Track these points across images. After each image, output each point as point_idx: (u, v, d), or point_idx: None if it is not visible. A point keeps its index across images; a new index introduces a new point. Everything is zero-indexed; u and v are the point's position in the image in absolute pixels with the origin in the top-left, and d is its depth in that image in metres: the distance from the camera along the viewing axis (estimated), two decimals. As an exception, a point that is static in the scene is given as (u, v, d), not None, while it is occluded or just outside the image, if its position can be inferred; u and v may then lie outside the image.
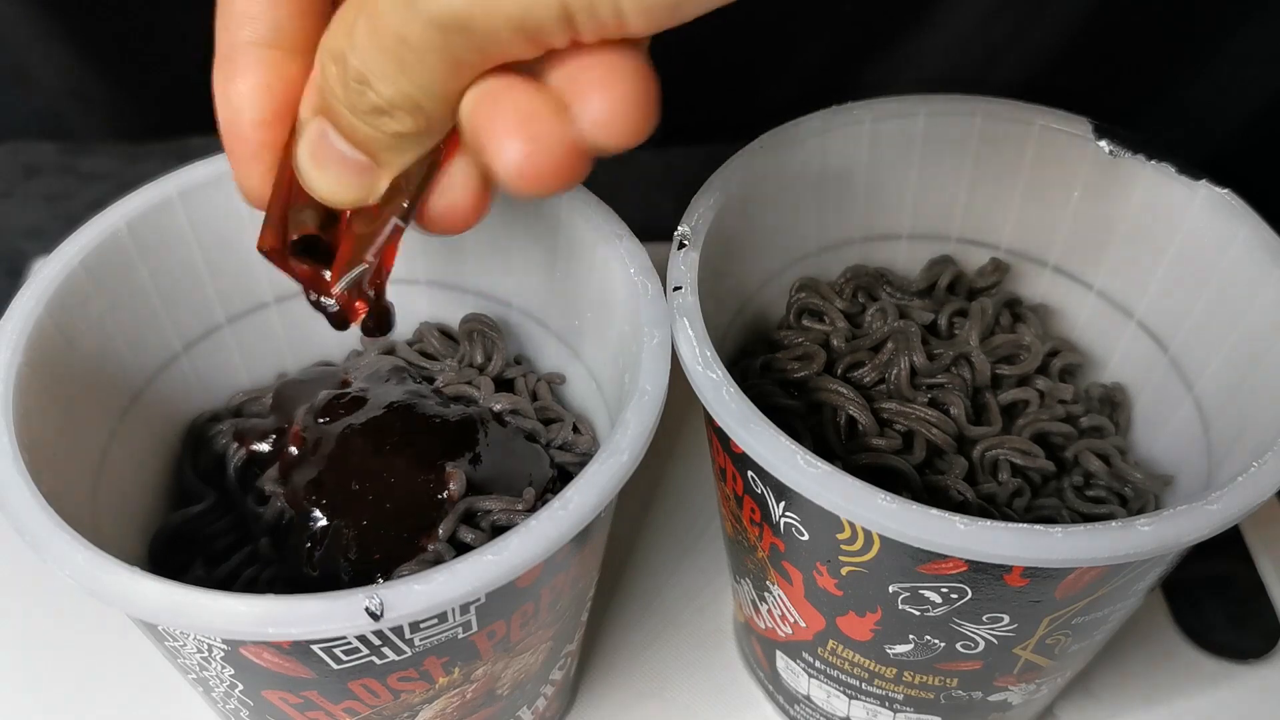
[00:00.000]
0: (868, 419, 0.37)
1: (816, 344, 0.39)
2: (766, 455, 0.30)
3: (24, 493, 0.29)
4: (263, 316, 0.40)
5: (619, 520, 0.41)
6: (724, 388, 0.31)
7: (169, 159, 0.37)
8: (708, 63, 0.64)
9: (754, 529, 0.34)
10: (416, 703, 0.31)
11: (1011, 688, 0.35)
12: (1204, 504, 0.29)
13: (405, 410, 0.36)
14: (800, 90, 0.65)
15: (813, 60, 0.64)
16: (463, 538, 0.33)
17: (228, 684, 0.30)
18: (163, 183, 0.36)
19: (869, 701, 0.37)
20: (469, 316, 0.40)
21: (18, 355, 0.31)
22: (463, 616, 0.29)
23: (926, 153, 0.40)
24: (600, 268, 0.35)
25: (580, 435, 0.38)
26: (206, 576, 0.34)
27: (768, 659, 0.40)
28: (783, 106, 0.40)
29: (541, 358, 0.41)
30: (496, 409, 0.37)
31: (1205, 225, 0.36)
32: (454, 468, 0.34)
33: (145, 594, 0.27)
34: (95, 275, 0.34)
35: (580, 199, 0.36)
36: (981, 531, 0.28)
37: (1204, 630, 0.44)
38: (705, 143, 0.57)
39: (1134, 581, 0.31)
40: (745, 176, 0.37)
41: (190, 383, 0.38)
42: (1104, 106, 0.37)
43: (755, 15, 0.62)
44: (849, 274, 0.41)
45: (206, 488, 0.37)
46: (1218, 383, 0.36)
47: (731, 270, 0.38)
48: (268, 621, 0.26)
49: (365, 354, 0.40)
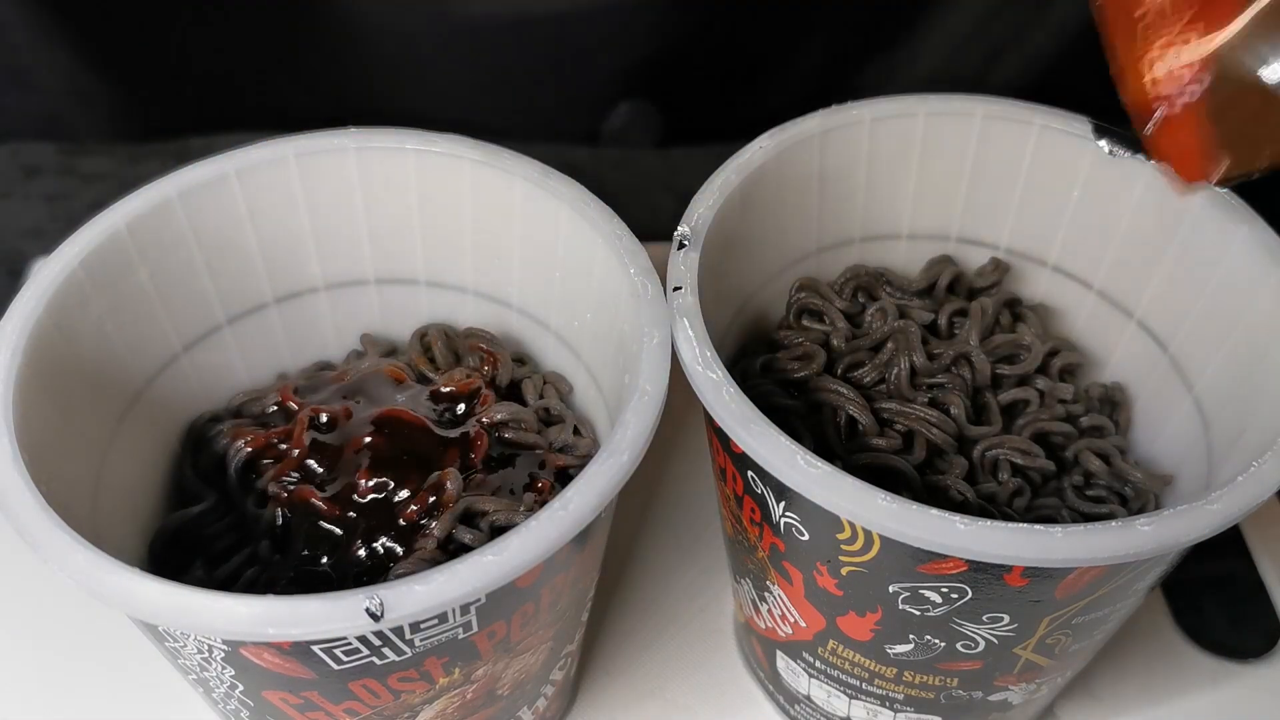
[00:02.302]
0: (868, 419, 0.37)
1: (816, 344, 0.39)
2: (766, 455, 0.30)
3: (24, 493, 0.29)
4: (263, 316, 0.40)
5: (619, 520, 0.41)
6: (724, 388, 0.31)
7: (169, 159, 0.37)
8: (708, 63, 0.64)
9: (754, 529, 0.34)
10: (417, 703, 0.31)
11: (1012, 687, 0.35)
12: (1204, 504, 0.29)
13: (404, 414, 0.36)
14: (800, 90, 0.65)
15: (813, 60, 0.64)
16: (461, 538, 0.33)
17: (228, 684, 0.30)
18: (163, 183, 0.36)
19: (869, 701, 0.37)
20: (469, 331, 0.40)
21: (18, 355, 0.31)
22: (463, 617, 0.29)
23: (926, 153, 0.40)
24: (600, 268, 0.35)
25: (581, 438, 0.38)
26: (207, 577, 0.34)
27: (768, 659, 0.40)
28: (783, 106, 0.40)
29: (542, 358, 0.41)
30: (497, 418, 0.37)
31: (1205, 225, 0.36)
32: (450, 469, 0.34)
33: (145, 594, 0.27)
34: (95, 276, 0.34)
35: (580, 199, 0.36)
36: (982, 531, 0.28)
37: (1204, 630, 0.44)
38: (705, 143, 0.57)
39: (1134, 581, 0.31)
40: (745, 176, 0.37)
41: (190, 383, 0.38)
42: (1104, 106, 0.37)
43: (756, 16, 0.62)
44: (849, 274, 0.41)
45: (206, 488, 0.37)
46: (1218, 383, 0.36)
47: (731, 270, 0.38)
48: (268, 622, 0.26)
49: (366, 356, 0.40)
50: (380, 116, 0.38)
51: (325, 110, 0.43)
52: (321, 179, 0.38)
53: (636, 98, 0.64)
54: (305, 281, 0.40)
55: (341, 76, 0.62)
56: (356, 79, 0.62)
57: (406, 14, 0.59)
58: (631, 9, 0.59)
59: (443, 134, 0.38)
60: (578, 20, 0.59)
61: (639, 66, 0.62)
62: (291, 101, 0.60)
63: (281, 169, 0.37)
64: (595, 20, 0.59)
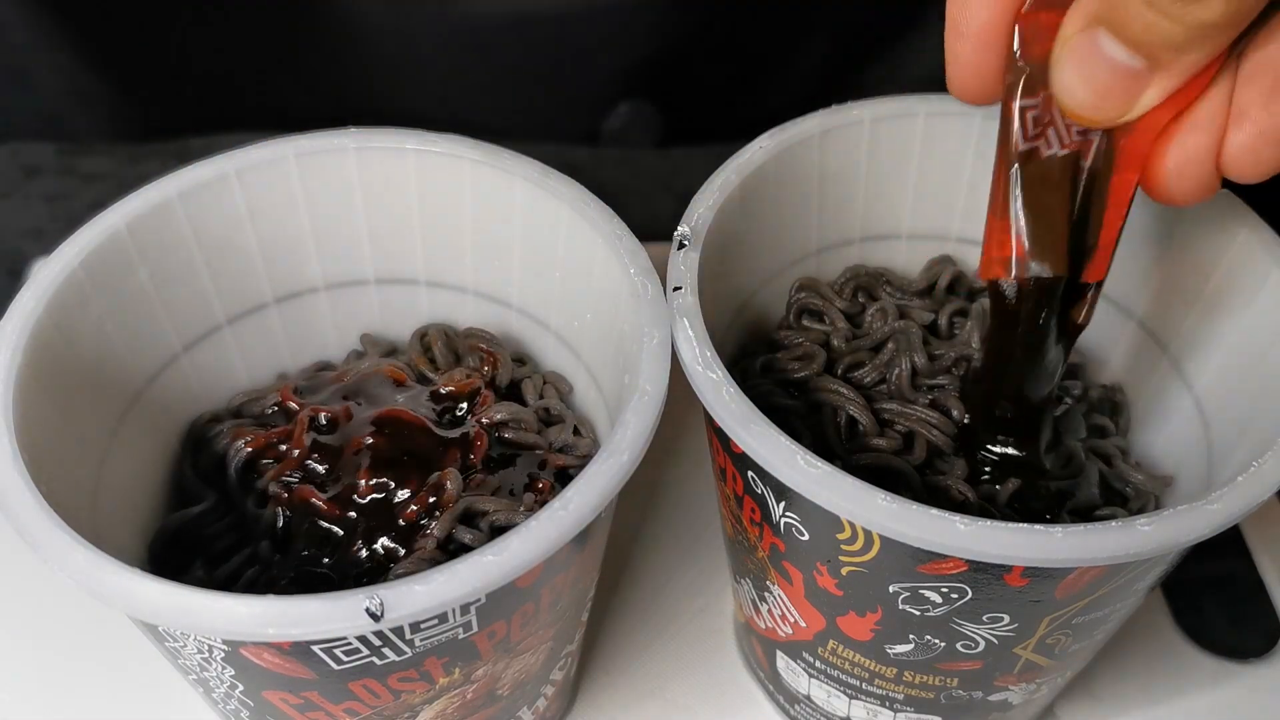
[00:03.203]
0: (868, 419, 0.37)
1: (816, 344, 0.39)
2: (767, 455, 0.30)
3: (24, 493, 0.29)
4: (263, 317, 0.40)
5: (619, 520, 0.41)
6: (724, 388, 0.31)
7: (169, 159, 0.37)
8: (708, 63, 0.64)
9: (754, 529, 0.34)
10: (417, 703, 0.31)
11: (1012, 687, 0.35)
12: (1204, 504, 0.29)
13: (404, 414, 0.36)
14: (800, 90, 0.65)
15: (813, 60, 0.64)
16: (461, 538, 0.33)
17: (228, 684, 0.30)
18: (163, 183, 0.36)
19: (869, 701, 0.37)
20: (469, 331, 0.40)
21: (18, 356, 0.31)
22: (463, 617, 0.29)
23: (926, 153, 0.40)
24: (600, 268, 0.35)
25: (581, 438, 0.38)
26: (207, 577, 0.34)
27: (768, 659, 0.40)
28: (783, 106, 0.40)
29: (542, 358, 0.41)
30: (497, 419, 0.37)
31: (1205, 225, 0.36)
32: (450, 469, 0.34)
33: (145, 594, 0.27)
34: (95, 276, 0.34)
35: (580, 199, 0.36)
36: (982, 531, 0.28)
37: (1204, 630, 0.44)
38: (705, 143, 0.57)
39: (1134, 581, 0.31)
40: (745, 176, 0.37)
41: (190, 383, 0.38)
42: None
43: (756, 16, 0.62)
44: (849, 274, 0.41)
45: (206, 488, 0.37)
46: (1218, 383, 0.36)
47: (731, 270, 0.38)
48: (268, 622, 0.26)
49: (366, 356, 0.40)
50: (380, 116, 0.38)
51: (325, 110, 0.43)
52: (321, 179, 0.38)
53: (636, 98, 0.64)
54: (305, 281, 0.40)
55: (341, 76, 0.62)
56: (356, 79, 0.62)
57: (406, 14, 0.59)
58: (631, 9, 0.59)
59: (443, 134, 0.38)
60: (578, 20, 0.59)
61: (639, 66, 0.62)
62: (291, 101, 0.60)
63: (281, 169, 0.37)
64: (595, 20, 0.59)
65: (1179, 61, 0.27)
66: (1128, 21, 0.26)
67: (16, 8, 0.58)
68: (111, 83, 0.62)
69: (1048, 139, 0.31)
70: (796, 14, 0.62)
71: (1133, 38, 0.26)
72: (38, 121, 0.63)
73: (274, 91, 0.63)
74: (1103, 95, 0.28)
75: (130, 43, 0.61)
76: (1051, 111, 0.30)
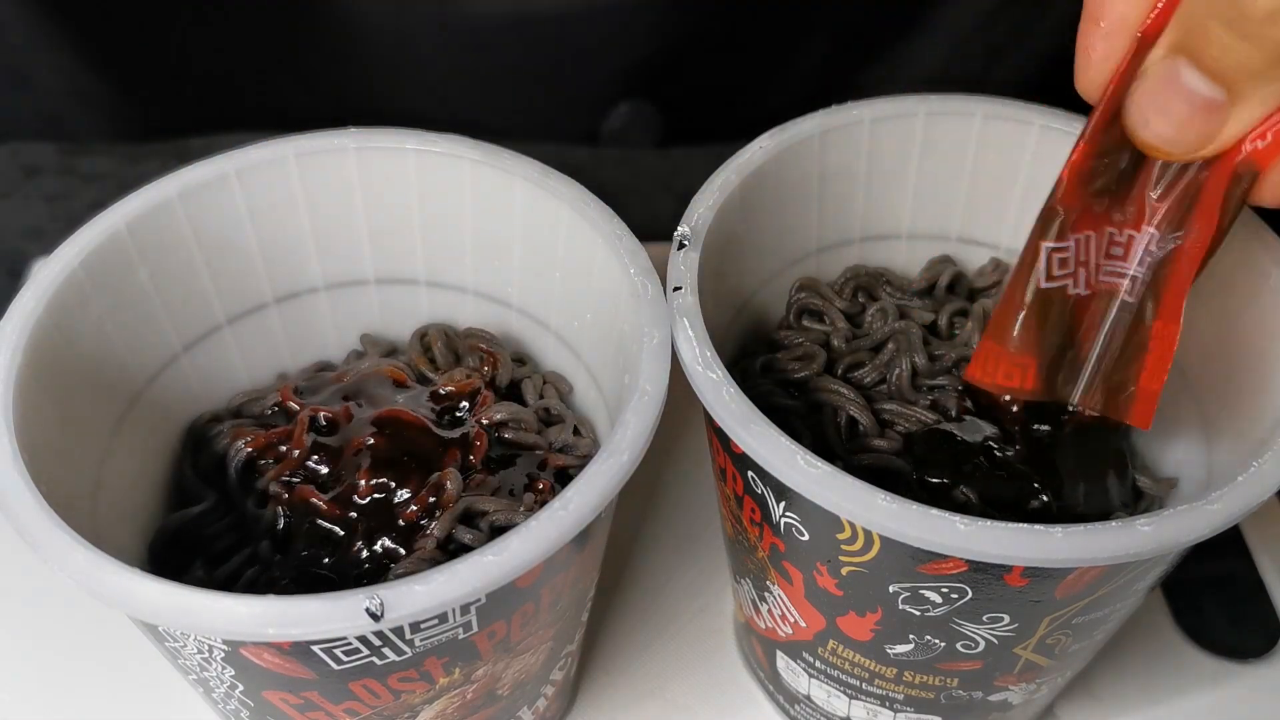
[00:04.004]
0: (868, 419, 0.37)
1: (816, 344, 0.39)
2: (767, 455, 0.30)
3: (24, 493, 0.29)
4: (263, 317, 0.40)
5: (619, 520, 0.41)
6: (724, 388, 0.31)
7: (169, 159, 0.37)
8: (708, 63, 0.64)
9: (754, 529, 0.34)
10: (417, 703, 0.31)
11: (1012, 687, 0.35)
12: (1204, 504, 0.29)
13: (404, 414, 0.36)
14: (800, 90, 0.65)
15: (813, 60, 0.64)
16: (461, 538, 0.33)
17: (228, 684, 0.30)
18: (163, 183, 0.36)
19: (869, 701, 0.37)
20: (469, 331, 0.40)
21: (18, 356, 0.31)
22: (463, 617, 0.29)
23: (926, 153, 0.40)
24: (600, 268, 0.35)
25: (581, 438, 0.38)
26: (207, 577, 0.34)
27: (768, 659, 0.40)
28: (783, 106, 0.40)
29: (542, 358, 0.41)
30: (497, 419, 0.37)
31: (1205, 225, 0.36)
32: (450, 469, 0.34)
33: (145, 594, 0.27)
34: (95, 276, 0.34)
35: (580, 199, 0.36)
36: (981, 531, 0.28)
37: (1204, 630, 0.44)
38: (705, 143, 0.57)
39: (1134, 581, 0.31)
40: (745, 176, 0.37)
41: (190, 383, 0.38)
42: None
43: (756, 16, 0.62)
44: (849, 274, 0.41)
45: (206, 488, 0.37)
46: (1218, 383, 0.36)
47: (731, 270, 0.38)
48: (268, 622, 0.26)
49: (366, 356, 0.40)
50: (380, 116, 0.38)
51: (325, 110, 0.43)
52: (321, 179, 0.38)
53: (636, 98, 0.64)
54: (305, 281, 0.40)
55: (341, 76, 0.62)
56: (356, 79, 0.62)
57: (406, 14, 0.59)
58: (631, 9, 0.59)
59: (443, 134, 0.38)
60: (578, 20, 0.59)
61: (639, 66, 0.62)
62: (291, 101, 0.60)
63: (281, 169, 0.37)
64: (595, 20, 0.59)
65: (1259, 92, 0.26)
66: (1206, 46, 0.25)
67: (16, 8, 0.58)
68: (111, 83, 0.62)
69: (1076, 279, 0.32)
70: (796, 14, 0.62)
71: (1211, 64, 0.26)
72: (38, 121, 0.63)
73: (274, 91, 0.63)
74: (1181, 127, 0.27)
75: (130, 43, 0.61)
76: (1087, 252, 0.31)
